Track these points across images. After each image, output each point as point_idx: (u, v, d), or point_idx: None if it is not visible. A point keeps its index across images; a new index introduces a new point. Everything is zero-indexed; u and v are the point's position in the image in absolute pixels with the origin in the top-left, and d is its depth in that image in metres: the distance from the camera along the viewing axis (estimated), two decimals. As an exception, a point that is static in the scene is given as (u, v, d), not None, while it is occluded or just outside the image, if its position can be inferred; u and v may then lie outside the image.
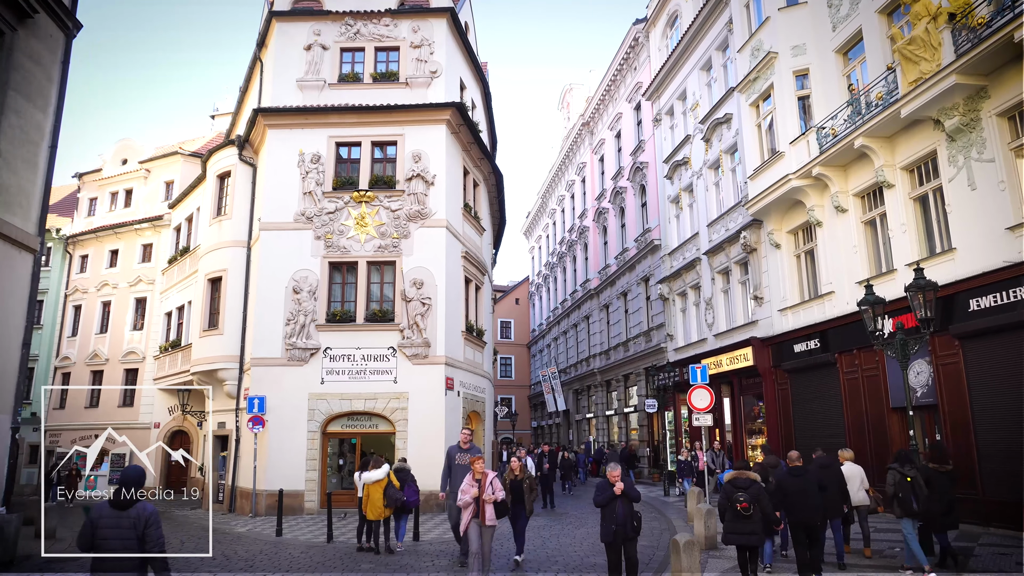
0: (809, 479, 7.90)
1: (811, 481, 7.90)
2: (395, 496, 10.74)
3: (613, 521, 7.23)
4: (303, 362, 16.67)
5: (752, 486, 7.36)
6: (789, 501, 7.70)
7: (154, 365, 24.16)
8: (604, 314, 31.38)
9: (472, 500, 7.88)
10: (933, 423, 12.31)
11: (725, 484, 7.58)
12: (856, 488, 9.42)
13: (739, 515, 7.24)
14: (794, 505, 7.66)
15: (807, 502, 7.66)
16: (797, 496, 7.68)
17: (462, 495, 7.97)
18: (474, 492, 7.87)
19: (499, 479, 8.31)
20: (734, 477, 7.54)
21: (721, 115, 19.87)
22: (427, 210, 17.31)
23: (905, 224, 12.88)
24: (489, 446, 21.25)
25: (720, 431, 20.15)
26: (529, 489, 9.81)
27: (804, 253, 16.41)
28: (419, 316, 16.62)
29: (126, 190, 27.48)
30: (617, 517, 7.23)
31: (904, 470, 8.08)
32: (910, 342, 9.08)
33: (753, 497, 7.25)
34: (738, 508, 7.22)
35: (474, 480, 8.02)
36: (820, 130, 14.65)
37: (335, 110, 17.78)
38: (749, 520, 7.21)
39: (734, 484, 7.43)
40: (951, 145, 11.73)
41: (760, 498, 7.30)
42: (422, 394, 16.42)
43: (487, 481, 7.98)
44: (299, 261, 17.14)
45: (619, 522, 7.22)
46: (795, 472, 7.96)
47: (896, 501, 7.99)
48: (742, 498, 7.23)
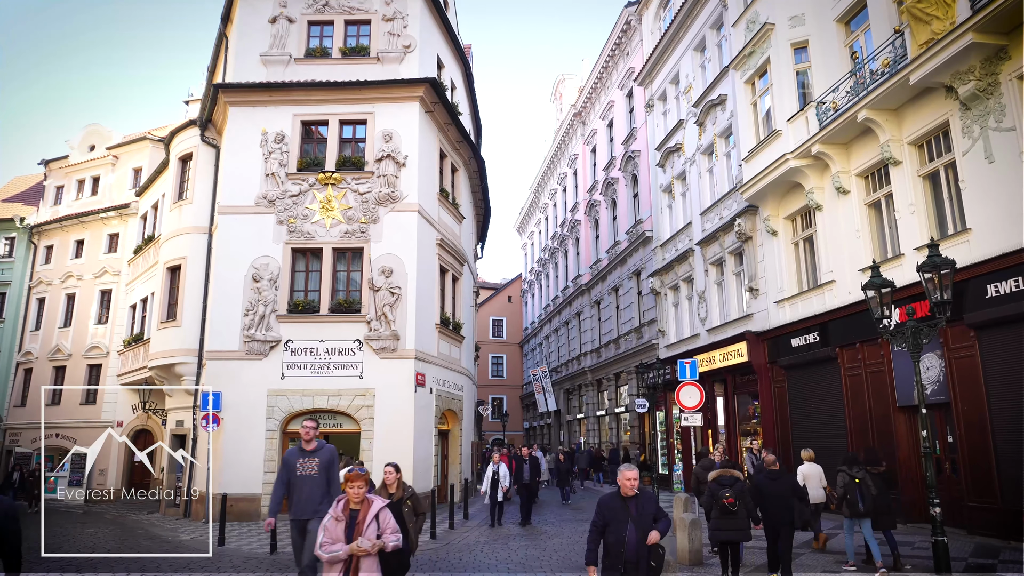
0: (784, 483, 8.02)
1: (786, 484, 8.04)
2: None
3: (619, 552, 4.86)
4: (262, 355, 15.46)
5: (736, 483, 7.57)
6: (765, 503, 7.77)
7: (118, 360, 22.93)
8: (595, 310, 30.20)
9: (344, 555, 4.55)
10: (944, 423, 11.11)
11: (711, 483, 7.76)
12: (815, 486, 9.91)
13: (726, 511, 7.39)
14: (769, 506, 7.74)
15: (781, 504, 7.76)
16: (772, 499, 7.76)
17: (325, 542, 4.60)
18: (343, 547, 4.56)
19: (392, 509, 4.98)
20: (719, 475, 7.76)
21: (715, 96, 18.70)
22: (398, 193, 16.12)
23: (913, 204, 11.70)
24: (468, 448, 20.05)
25: (713, 432, 18.95)
26: (413, 515, 6.40)
27: (803, 240, 15.22)
28: (387, 307, 15.41)
29: (93, 178, 26.23)
30: (627, 547, 4.84)
31: (852, 472, 8.62)
32: (923, 330, 7.88)
33: (737, 494, 7.43)
34: (724, 503, 7.38)
35: (343, 514, 4.70)
36: (820, 105, 13.46)
37: (300, 86, 16.59)
38: (735, 516, 7.39)
39: (719, 482, 7.64)
40: (966, 114, 10.55)
41: (743, 495, 7.51)
42: (390, 390, 15.22)
43: (368, 515, 4.66)
44: (260, 247, 15.94)
45: (629, 556, 4.84)
46: (772, 475, 8.05)
47: (844, 502, 8.58)
48: (728, 494, 7.40)
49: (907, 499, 11.60)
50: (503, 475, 13.99)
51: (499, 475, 13.91)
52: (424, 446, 15.75)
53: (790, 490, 7.97)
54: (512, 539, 12.13)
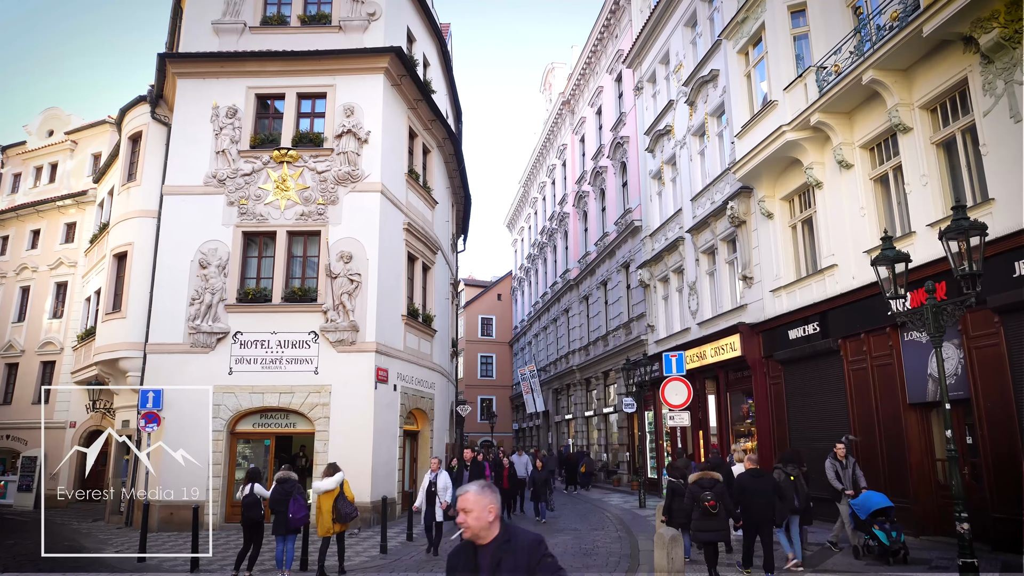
0: (766, 482, 8.13)
1: (768, 483, 8.16)
2: (347, 511, 9.16)
3: None
4: (208, 348, 14.09)
5: (716, 485, 7.71)
6: (747, 501, 7.93)
7: (72, 357, 21.50)
8: (584, 306, 28.85)
9: None
10: (962, 422, 9.76)
11: (691, 485, 7.93)
12: None
13: (707, 512, 7.58)
14: (751, 505, 7.91)
15: (763, 502, 7.90)
16: (755, 497, 7.91)
17: None
18: None
19: None
20: (699, 478, 7.88)
21: (706, 72, 17.38)
22: (359, 172, 14.76)
23: (926, 175, 10.37)
24: (442, 449, 18.66)
25: (704, 433, 17.60)
26: None
27: (801, 222, 13.90)
28: (346, 295, 14.05)
29: (51, 164, 24.78)
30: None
31: (788, 470, 8.89)
32: (947, 310, 6.55)
33: (717, 495, 7.59)
34: (706, 506, 7.55)
35: None
36: (820, 70, 12.13)
37: (255, 56, 15.24)
38: (716, 517, 7.60)
39: (700, 484, 7.78)
40: (987, 68, 9.23)
41: (723, 496, 7.68)
42: (348, 387, 13.85)
43: None
44: (208, 231, 14.59)
45: None
46: (754, 474, 8.18)
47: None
48: (709, 496, 7.55)
49: (920, 509, 10.27)
50: (441, 487, 10.49)
51: (436, 487, 10.50)
52: (386, 448, 14.38)
53: (772, 488, 8.11)
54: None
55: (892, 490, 10.56)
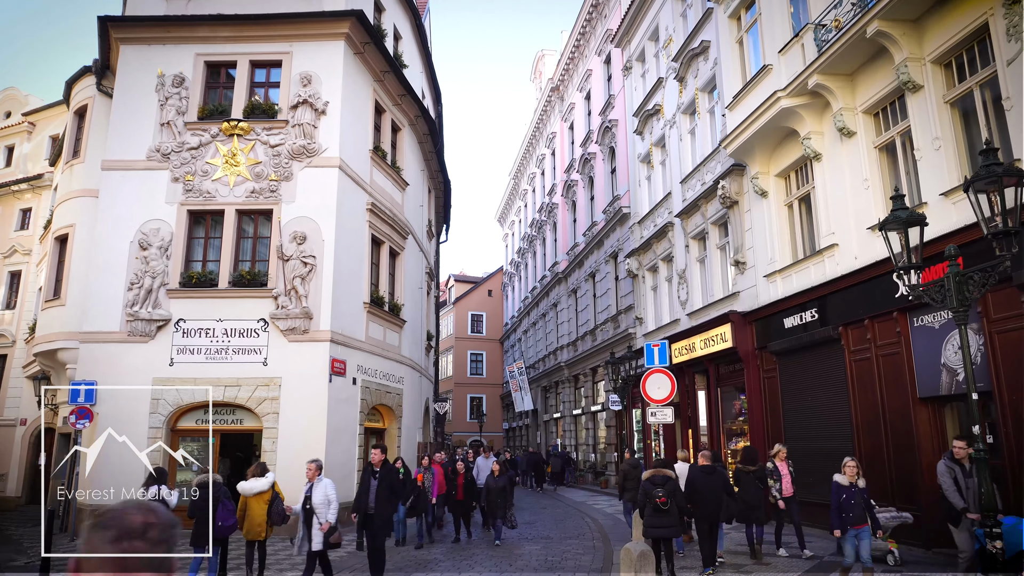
0: (716, 478, 8.21)
1: (719, 480, 8.24)
2: (281, 512, 8.42)
3: None
4: (148, 337, 12.83)
5: (668, 482, 7.78)
6: (698, 497, 8.03)
7: (24, 350, 20.22)
8: (572, 300, 27.62)
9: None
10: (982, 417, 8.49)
11: (644, 482, 7.98)
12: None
13: (658, 509, 7.63)
14: (702, 501, 8.01)
15: (713, 498, 8.02)
16: (706, 493, 8.03)
17: None
18: None
19: None
20: (652, 475, 7.92)
21: (696, 45, 16.15)
22: (315, 145, 13.51)
23: (939, 138, 9.13)
24: (415, 449, 17.40)
25: (694, 432, 16.36)
26: None
27: (797, 200, 12.67)
28: (299, 279, 12.80)
29: (7, 147, 23.51)
30: None
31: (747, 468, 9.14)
32: (974, 279, 5.33)
33: (669, 492, 7.66)
34: (657, 503, 7.61)
35: None
36: (819, 27, 10.89)
37: (204, 20, 14.00)
38: (667, 514, 7.64)
39: (652, 482, 7.82)
40: (1011, 10, 7.99)
41: (676, 493, 7.77)
42: (300, 380, 12.61)
43: None
44: (150, 209, 13.34)
45: None
46: (705, 471, 8.24)
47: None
48: (660, 493, 7.61)
49: (931, 519, 9.01)
50: (319, 501, 7.34)
51: (312, 502, 7.35)
52: (343, 447, 13.14)
53: (722, 485, 8.24)
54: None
55: (899, 496, 9.34)
